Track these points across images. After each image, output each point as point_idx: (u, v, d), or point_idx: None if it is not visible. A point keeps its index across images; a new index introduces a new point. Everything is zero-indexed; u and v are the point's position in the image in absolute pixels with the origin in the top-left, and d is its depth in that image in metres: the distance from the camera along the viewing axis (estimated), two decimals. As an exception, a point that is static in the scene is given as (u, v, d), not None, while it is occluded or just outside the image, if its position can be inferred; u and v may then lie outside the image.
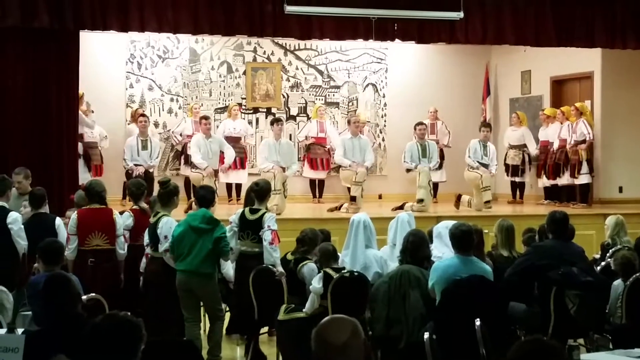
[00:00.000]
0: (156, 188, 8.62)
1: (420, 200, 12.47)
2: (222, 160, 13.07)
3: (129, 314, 3.75)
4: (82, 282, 7.13)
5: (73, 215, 7.85)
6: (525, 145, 14.59)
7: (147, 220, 7.97)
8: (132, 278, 7.98)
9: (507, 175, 14.71)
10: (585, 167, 13.36)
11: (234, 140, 14.00)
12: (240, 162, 13.95)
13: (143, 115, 13.41)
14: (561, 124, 13.87)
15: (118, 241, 7.77)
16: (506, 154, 14.65)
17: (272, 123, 13.44)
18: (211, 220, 7.55)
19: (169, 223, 7.59)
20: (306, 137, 14.64)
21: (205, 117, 13.15)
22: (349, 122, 13.84)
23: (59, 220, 8.21)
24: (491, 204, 13.05)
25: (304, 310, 7.07)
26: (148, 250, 7.86)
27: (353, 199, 12.59)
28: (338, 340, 3.27)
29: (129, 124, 14.35)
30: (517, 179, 14.68)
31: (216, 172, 12.75)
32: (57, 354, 4.04)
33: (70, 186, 10.90)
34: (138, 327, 3.60)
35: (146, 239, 7.86)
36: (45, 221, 8.19)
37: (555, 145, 13.80)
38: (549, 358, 3.04)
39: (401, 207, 12.55)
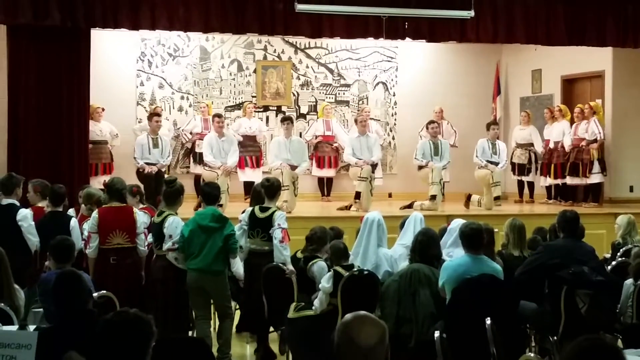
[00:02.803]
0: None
1: (433, 197, 12.46)
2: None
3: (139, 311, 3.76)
4: (104, 280, 7.21)
5: (94, 213, 7.79)
6: (532, 144, 14.56)
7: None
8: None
9: (514, 174, 14.69)
10: (597, 167, 13.33)
11: (250, 139, 14.02)
12: (256, 160, 13.94)
13: (158, 114, 13.29)
14: (573, 122, 13.81)
15: (139, 239, 7.76)
16: (513, 153, 14.61)
17: (281, 121, 13.45)
18: (220, 219, 7.56)
19: (175, 222, 7.58)
20: (315, 136, 14.63)
21: (218, 116, 13.11)
22: (355, 121, 13.85)
23: (74, 222, 8.18)
24: (500, 201, 13.02)
25: (313, 308, 7.07)
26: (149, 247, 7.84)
27: (357, 195, 12.57)
28: (366, 344, 3.21)
29: (140, 121, 14.35)
30: (524, 178, 14.64)
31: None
32: (68, 351, 4.06)
33: (80, 184, 10.92)
34: (149, 324, 3.60)
35: (150, 237, 7.86)
36: (62, 220, 8.18)
37: (568, 144, 13.74)
38: (607, 357, 3.00)
39: (410, 206, 12.55)
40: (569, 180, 13.71)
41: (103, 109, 13.44)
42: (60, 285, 4.84)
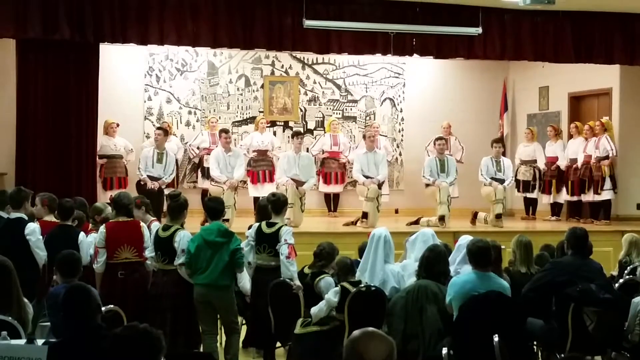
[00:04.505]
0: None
1: (442, 217, 12.43)
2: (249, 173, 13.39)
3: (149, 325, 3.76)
4: (112, 294, 7.21)
5: (101, 228, 7.81)
6: (536, 161, 14.54)
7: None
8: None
9: (518, 191, 14.67)
10: (608, 183, 13.30)
11: (262, 153, 13.99)
12: (269, 175, 13.86)
13: (159, 128, 13.31)
14: (586, 139, 13.78)
15: (147, 252, 7.77)
16: (517, 170, 14.57)
17: (292, 136, 13.46)
18: (226, 233, 7.56)
19: (187, 237, 7.59)
20: (322, 151, 14.63)
21: (225, 131, 13.10)
22: (364, 137, 13.86)
23: (82, 236, 8.18)
24: (502, 219, 12.91)
25: (311, 313, 7.06)
26: (153, 262, 7.75)
27: (365, 215, 12.58)
28: (374, 359, 3.22)
29: (148, 137, 14.37)
30: (528, 195, 14.62)
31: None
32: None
33: (88, 196, 10.95)
34: (158, 339, 3.61)
35: (150, 251, 7.79)
36: (70, 234, 8.17)
37: (580, 161, 13.72)
38: None
39: (416, 222, 12.55)
40: (582, 197, 13.66)
41: (118, 125, 13.49)
42: (70, 299, 4.84)
